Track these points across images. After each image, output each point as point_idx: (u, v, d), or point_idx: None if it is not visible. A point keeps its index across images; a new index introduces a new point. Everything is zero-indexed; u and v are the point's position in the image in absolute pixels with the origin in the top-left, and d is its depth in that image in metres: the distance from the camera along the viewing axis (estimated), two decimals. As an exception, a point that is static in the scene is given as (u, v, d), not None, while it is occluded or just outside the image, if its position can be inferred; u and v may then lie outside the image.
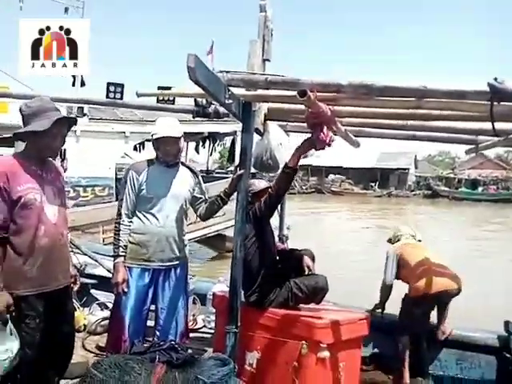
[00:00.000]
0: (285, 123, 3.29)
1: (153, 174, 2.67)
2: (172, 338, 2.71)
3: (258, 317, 2.58)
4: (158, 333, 2.73)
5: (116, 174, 10.27)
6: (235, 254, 2.45)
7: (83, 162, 9.20)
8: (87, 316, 3.66)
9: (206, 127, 10.91)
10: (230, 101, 2.27)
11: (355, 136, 3.29)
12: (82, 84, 11.28)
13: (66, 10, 11.58)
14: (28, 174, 2.03)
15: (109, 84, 10.28)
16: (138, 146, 10.75)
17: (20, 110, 2.09)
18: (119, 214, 2.66)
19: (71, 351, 2.32)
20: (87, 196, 9.67)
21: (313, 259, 2.82)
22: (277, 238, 3.37)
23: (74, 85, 11.14)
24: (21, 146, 2.18)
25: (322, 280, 2.69)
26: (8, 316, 1.94)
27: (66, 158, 9.42)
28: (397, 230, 3.75)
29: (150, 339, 2.83)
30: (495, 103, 1.95)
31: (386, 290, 3.43)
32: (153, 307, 2.79)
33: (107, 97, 5.40)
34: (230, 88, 2.27)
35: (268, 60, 2.70)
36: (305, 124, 3.22)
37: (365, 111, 2.57)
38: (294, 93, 2.15)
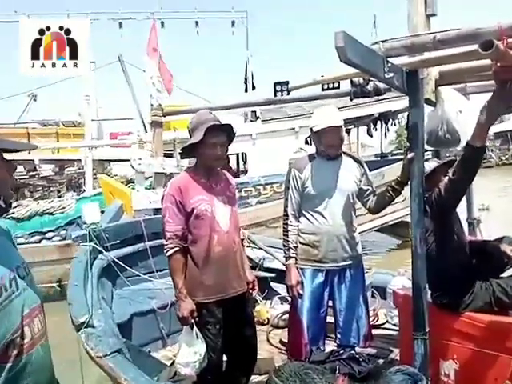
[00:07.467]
0: (463, 85, 2.72)
1: (315, 170, 2.52)
2: (354, 342, 2.54)
3: (452, 322, 2.19)
4: (339, 336, 2.58)
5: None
6: (415, 249, 2.13)
7: (261, 162, 9.78)
8: (269, 309, 3.79)
9: (376, 108, 10.20)
10: (391, 74, 1.94)
11: None
12: (253, 87, 12.07)
13: (233, 23, 12.49)
14: (199, 187, 2.14)
15: (275, 84, 10.67)
16: (308, 139, 10.91)
17: (187, 127, 2.23)
18: (286, 215, 2.59)
19: (255, 352, 2.34)
20: (267, 193, 10.20)
21: None
22: (465, 224, 2.82)
23: (246, 90, 12.04)
24: None
25: None
26: (193, 321, 2.07)
27: (247, 162, 10.24)
28: None
29: (332, 336, 2.74)
30: None
31: None
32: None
33: (275, 96, 5.57)
34: (390, 59, 1.95)
35: (434, 15, 2.20)
36: (491, 82, 2.61)
37: None
38: (474, 47, 1.71)
